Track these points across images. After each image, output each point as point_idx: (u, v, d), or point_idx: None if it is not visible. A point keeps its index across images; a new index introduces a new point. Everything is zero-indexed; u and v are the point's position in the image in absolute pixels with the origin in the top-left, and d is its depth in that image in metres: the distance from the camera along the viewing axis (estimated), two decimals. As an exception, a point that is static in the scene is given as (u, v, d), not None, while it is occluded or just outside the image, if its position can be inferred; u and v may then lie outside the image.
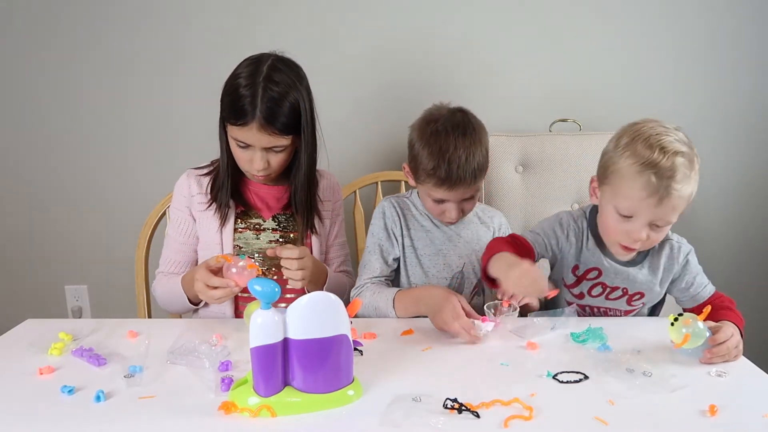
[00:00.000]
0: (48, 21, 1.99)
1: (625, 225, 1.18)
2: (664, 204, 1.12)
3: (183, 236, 1.44)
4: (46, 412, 0.90)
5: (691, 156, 1.14)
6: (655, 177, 1.11)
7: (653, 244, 1.23)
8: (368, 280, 1.40)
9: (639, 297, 1.31)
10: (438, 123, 1.33)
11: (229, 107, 1.30)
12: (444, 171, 1.29)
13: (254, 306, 1.02)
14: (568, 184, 1.87)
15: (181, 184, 1.45)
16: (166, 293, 1.42)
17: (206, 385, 0.97)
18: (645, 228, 1.16)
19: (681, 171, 1.11)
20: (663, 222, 1.16)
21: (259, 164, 1.32)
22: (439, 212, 1.39)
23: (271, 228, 1.43)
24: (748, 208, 2.07)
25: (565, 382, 0.98)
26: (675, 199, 1.12)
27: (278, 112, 1.28)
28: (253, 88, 1.27)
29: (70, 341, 1.15)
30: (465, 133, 1.31)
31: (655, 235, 1.18)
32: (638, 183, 1.12)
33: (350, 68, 2.01)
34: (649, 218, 1.15)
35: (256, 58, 1.33)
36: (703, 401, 0.90)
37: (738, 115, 2.01)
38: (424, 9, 1.97)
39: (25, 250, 2.18)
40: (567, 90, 2.01)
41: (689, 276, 1.29)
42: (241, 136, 1.30)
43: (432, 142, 1.31)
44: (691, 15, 1.96)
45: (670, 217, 1.15)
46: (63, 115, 2.07)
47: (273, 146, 1.32)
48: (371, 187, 1.94)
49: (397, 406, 0.89)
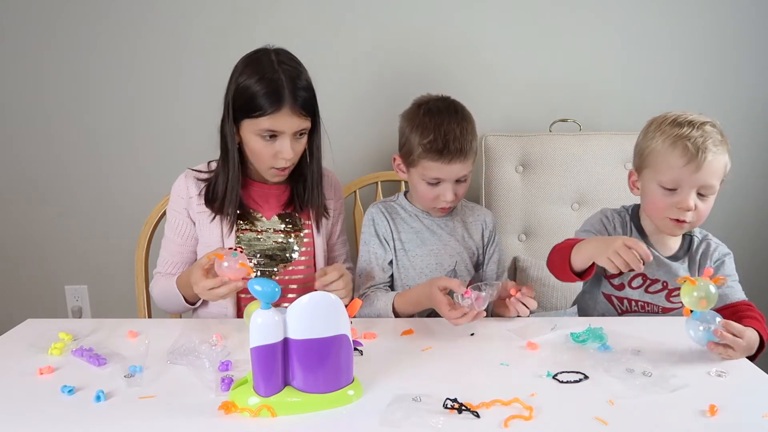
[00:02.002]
0: (47, 21, 2.00)
1: (672, 198, 1.22)
2: (703, 169, 1.19)
3: (181, 238, 1.43)
4: (46, 412, 0.90)
5: (719, 128, 1.22)
6: (690, 143, 1.19)
7: (702, 217, 1.25)
8: (367, 289, 1.42)
9: (678, 294, 1.31)
10: (429, 104, 1.40)
11: (250, 101, 1.28)
12: (441, 142, 1.32)
13: (254, 306, 1.02)
14: (568, 184, 1.87)
15: (179, 185, 1.43)
16: (162, 294, 1.41)
17: (206, 385, 0.97)
18: (692, 196, 1.21)
19: (713, 136, 1.19)
20: (706, 187, 1.21)
21: (289, 151, 1.31)
22: (434, 196, 1.39)
23: (273, 228, 1.42)
24: (748, 208, 2.07)
25: (565, 382, 0.98)
26: (712, 163, 1.18)
27: (301, 89, 1.29)
28: (275, 74, 1.28)
29: (70, 341, 1.15)
30: (456, 110, 1.39)
31: (702, 204, 1.22)
32: (676, 153, 1.20)
33: (350, 68, 2.01)
34: (693, 185, 1.20)
35: (254, 55, 1.33)
36: (703, 401, 0.90)
37: (738, 115, 2.01)
38: (425, 9, 1.97)
39: (25, 250, 2.18)
40: (567, 90, 2.01)
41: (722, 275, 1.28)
42: (271, 124, 1.28)
43: (426, 119, 1.36)
44: (692, 15, 1.96)
45: (712, 180, 1.20)
46: (63, 115, 2.07)
47: (300, 130, 1.32)
48: (371, 187, 1.94)
49: (397, 406, 0.89)
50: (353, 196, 1.88)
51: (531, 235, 1.90)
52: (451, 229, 1.48)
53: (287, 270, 1.42)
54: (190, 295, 1.33)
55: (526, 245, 1.91)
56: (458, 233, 1.48)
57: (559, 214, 1.88)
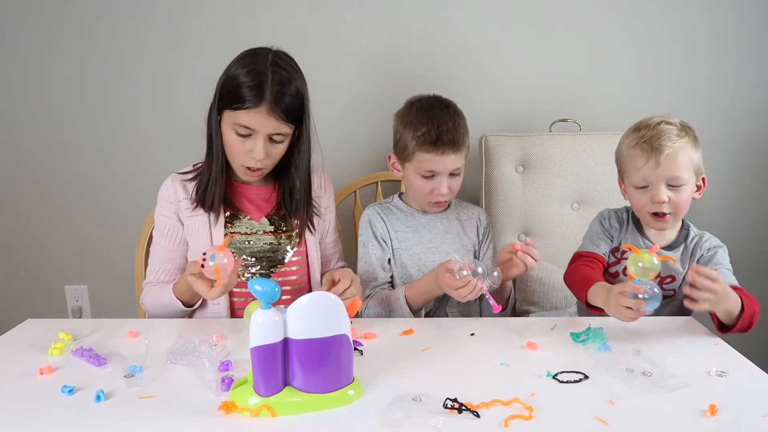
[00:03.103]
0: (47, 21, 2.00)
1: (646, 194, 1.31)
2: (663, 164, 1.26)
3: (172, 243, 1.41)
4: (46, 412, 0.90)
5: (677, 124, 1.29)
6: (646, 143, 1.28)
7: (679, 208, 1.30)
8: (372, 290, 1.44)
9: (670, 281, 1.34)
10: (422, 101, 1.46)
11: (234, 92, 1.27)
12: (434, 133, 1.37)
13: (254, 306, 1.02)
14: (568, 184, 1.87)
15: (166, 189, 1.41)
16: (156, 302, 1.38)
17: (206, 385, 0.97)
18: (662, 190, 1.28)
19: (667, 132, 1.27)
20: (674, 179, 1.27)
21: (260, 152, 1.29)
22: (429, 191, 1.43)
23: (263, 230, 1.40)
24: (748, 208, 2.07)
25: (565, 382, 0.98)
26: (672, 156, 1.26)
27: (286, 95, 1.28)
28: (262, 72, 1.27)
29: (70, 341, 1.15)
30: (447, 105, 1.45)
31: (676, 195, 1.28)
32: (637, 155, 1.30)
33: (351, 68, 2.01)
34: (660, 179, 1.28)
35: (254, 49, 1.32)
36: (703, 401, 0.90)
37: (738, 115, 2.01)
38: (426, 8, 1.97)
39: (25, 250, 2.18)
40: (567, 90, 2.01)
41: (714, 265, 1.31)
42: (247, 120, 1.27)
43: (419, 114, 1.42)
44: (692, 15, 1.96)
45: (677, 172, 1.27)
46: (63, 115, 2.07)
47: (276, 133, 1.30)
48: (371, 188, 1.94)
49: (397, 406, 0.89)
50: (353, 196, 1.88)
51: (531, 235, 1.90)
52: (447, 226, 1.52)
53: (280, 272, 1.40)
54: (187, 297, 1.32)
55: (526, 245, 1.91)
56: (454, 230, 1.52)
57: (559, 214, 1.88)
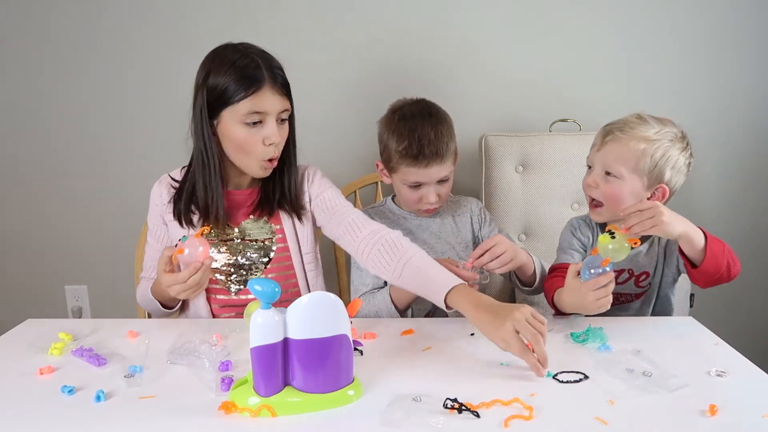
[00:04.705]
0: (47, 21, 2.00)
1: (586, 177, 1.32)
2: (605, 148, 1.27)
3: (159, 243, 1.42)
4: (46, 412, 0.90)
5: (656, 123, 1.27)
6: (605, 128, 1.30)
7: (609, 198, 1.29)
8: (368, 293, 1.43)
9: (645, 277, 1.34)
10: (404, 109, 1.43)
11: (230, 86, 1.24)
12: (416, 147, 1.35)
13: (254, 306, 1.02)
14: (568, 184, 1.87)
15: (154, 192, 1.42)
16: (143, 298, 1.40)
17: (206, 385, 0.97)
18: (595, 172, 1.29)
19: (629, 124, 1.27)
20: (610, 167, 1.27)
21: (276, 135, 1.27)
22: (417, 199, 1.42)
23: (241, 237, 1.37)
24: (747, 208, 2.07)
25: (565, 382, 0.98)
26: (618, 144, 1.26)
27: (277, 68, 1.28)
28: (247, 57, 1.26)
29: (70, 341, 1.15)
30: (430, 113, 1.41)
31: (607, 184, 1.28)
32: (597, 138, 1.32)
33: (351, 68, 2.01)
34: (599, 162, 1.29)
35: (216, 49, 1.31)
36: (703, 401, 0.90)
37: (738, 115, 2.01)
38: (425, 9, 1.97)
39: (25, 250, 2.18)
40: (567, 90, 2.01)
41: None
42: (256, 104, 1.24)
43: (400, 125, 1.39)
44: (692, 15, 1.96)
45: (612, 163, 1.26)
46: (63, 114, 2.07)
47: (283, 110, 1.29)
48: (371, 187, 1.94)
49: (397, 406, 0.89)
50: (353, 197, 1.87)
51: (531, 235, 1.90)
52: (440, 228, 1.51)
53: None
54: (166, 299, 1.31)
55: (526, 245, 1.90)
56: (447, 230, 1.52)
57: (559, 214, 1.88)
